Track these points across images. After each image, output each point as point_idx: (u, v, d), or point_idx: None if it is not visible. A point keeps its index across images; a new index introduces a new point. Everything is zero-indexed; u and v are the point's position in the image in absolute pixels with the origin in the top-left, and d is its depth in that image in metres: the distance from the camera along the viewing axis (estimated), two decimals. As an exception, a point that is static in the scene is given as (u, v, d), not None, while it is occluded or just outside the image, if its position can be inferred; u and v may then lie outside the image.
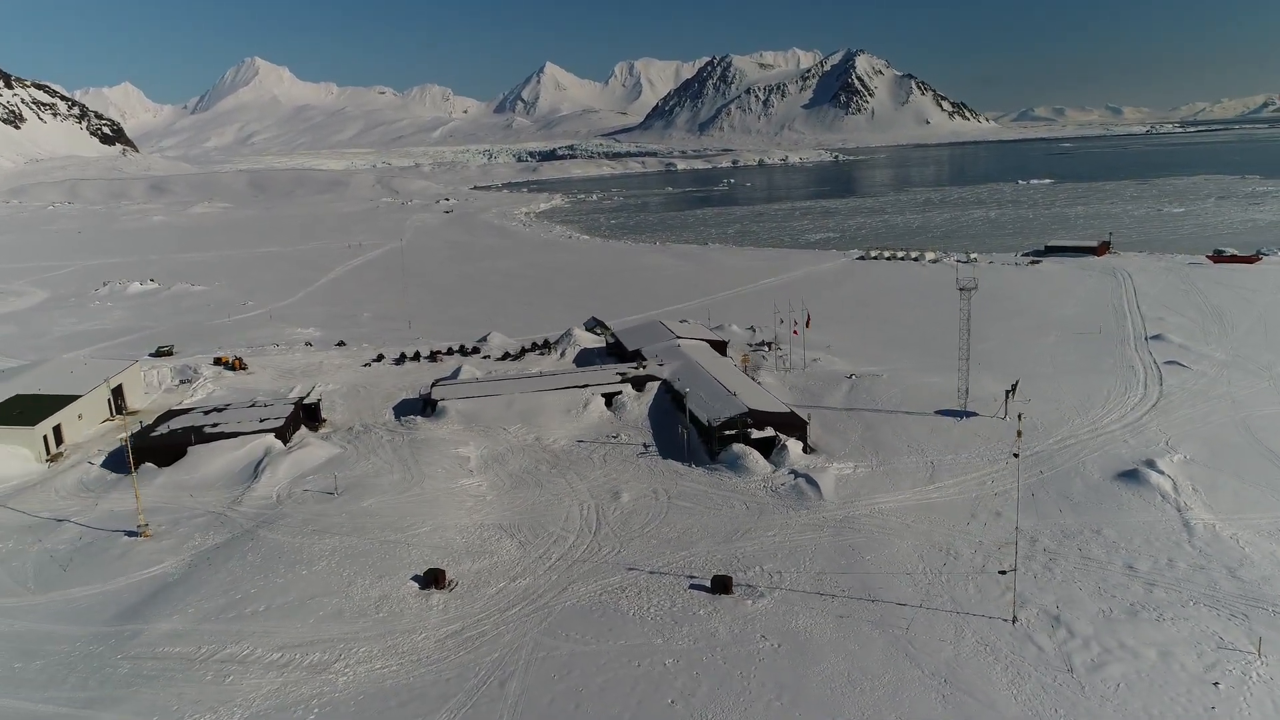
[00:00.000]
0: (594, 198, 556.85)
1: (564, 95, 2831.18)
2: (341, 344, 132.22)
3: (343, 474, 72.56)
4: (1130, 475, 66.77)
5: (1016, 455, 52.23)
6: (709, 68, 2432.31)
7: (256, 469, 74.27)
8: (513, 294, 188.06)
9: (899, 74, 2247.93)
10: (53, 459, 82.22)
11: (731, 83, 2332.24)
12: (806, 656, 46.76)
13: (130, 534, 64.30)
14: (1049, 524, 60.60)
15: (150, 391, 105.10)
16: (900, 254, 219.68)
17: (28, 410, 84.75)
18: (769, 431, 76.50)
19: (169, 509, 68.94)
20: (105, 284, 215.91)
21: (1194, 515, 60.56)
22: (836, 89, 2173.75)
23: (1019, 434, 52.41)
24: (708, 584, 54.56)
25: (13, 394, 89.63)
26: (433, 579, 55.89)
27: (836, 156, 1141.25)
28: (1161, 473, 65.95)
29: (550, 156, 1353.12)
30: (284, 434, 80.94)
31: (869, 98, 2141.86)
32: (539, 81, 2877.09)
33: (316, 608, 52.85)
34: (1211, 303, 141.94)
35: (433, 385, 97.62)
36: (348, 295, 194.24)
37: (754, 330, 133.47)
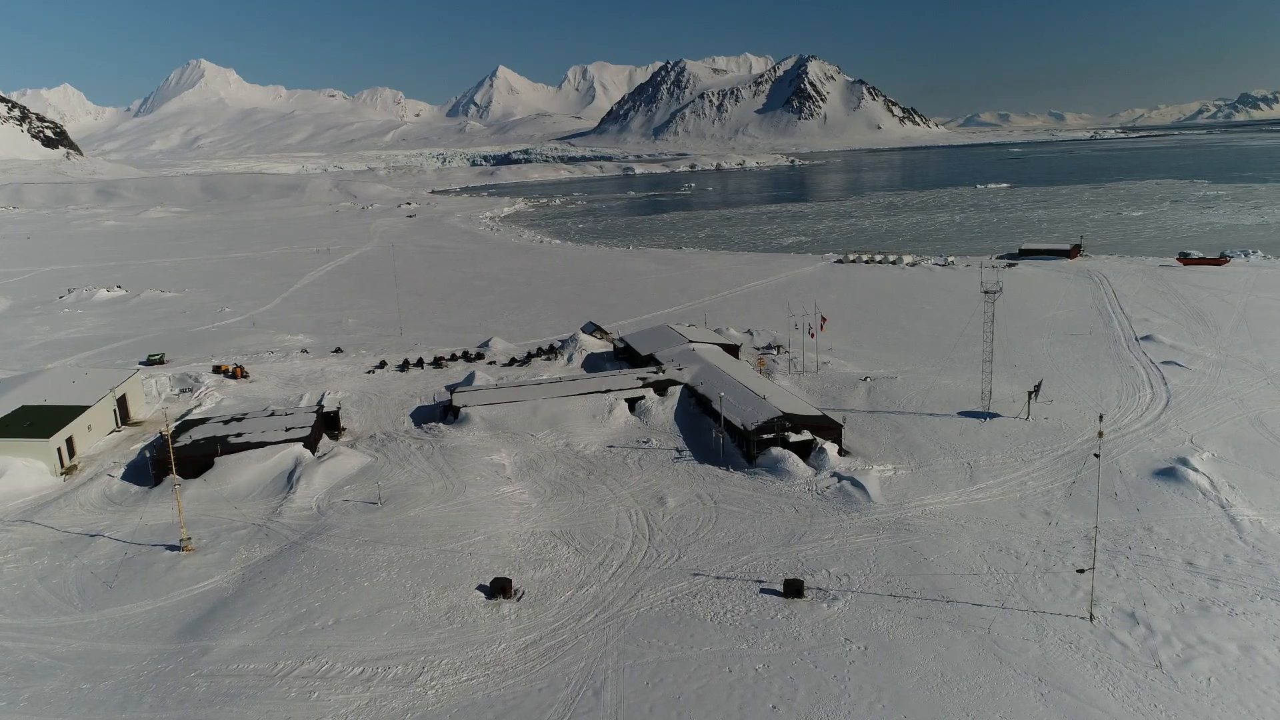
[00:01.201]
0: (556, 202, 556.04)
1: (517, 99, 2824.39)
2: (339, 351, 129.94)
3: (382, 483, 71.29)
4: (1168, 473, 68.31)
5: (1097, 456, 52.99)
6: (662, 72, 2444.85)
7: (290, 479, 72.64)
8: (500, 299, 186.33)
9: (850, 80, 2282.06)
10: (67, 472, 79.59)
11: (685, 87, 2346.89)
12: (895, 658, 47.03)
13: (171, 548, 62.52)
14: (1099, 522, 61.55)
15: (152, 401, 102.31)
16: (878, 257, 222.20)
17: (37, 422, 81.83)
18: (805, 435, 76.80)
19: (205, 521, 67.17)
20: (70, 291, 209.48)
21: (1238, 512, 62.18)
22: (789, 94, 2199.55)
23: (1100, 434, 53.07)
24: (779, 588, 54.61)
25: (17, 405, 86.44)
26: (499, 588, 55.18)
27: (793, 161, 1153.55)
28: (1197, 470, 67.62)
29: (506, 160, 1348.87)
30: (311, 443, 79.29)
31: (821, 103, 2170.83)
32: (492, 85, 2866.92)
33: (387, 620, 51.89)
34: (1190, 304, 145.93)
35: (452, 391, 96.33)
36: (328, 301, 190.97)
37: (752, 334, 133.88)
